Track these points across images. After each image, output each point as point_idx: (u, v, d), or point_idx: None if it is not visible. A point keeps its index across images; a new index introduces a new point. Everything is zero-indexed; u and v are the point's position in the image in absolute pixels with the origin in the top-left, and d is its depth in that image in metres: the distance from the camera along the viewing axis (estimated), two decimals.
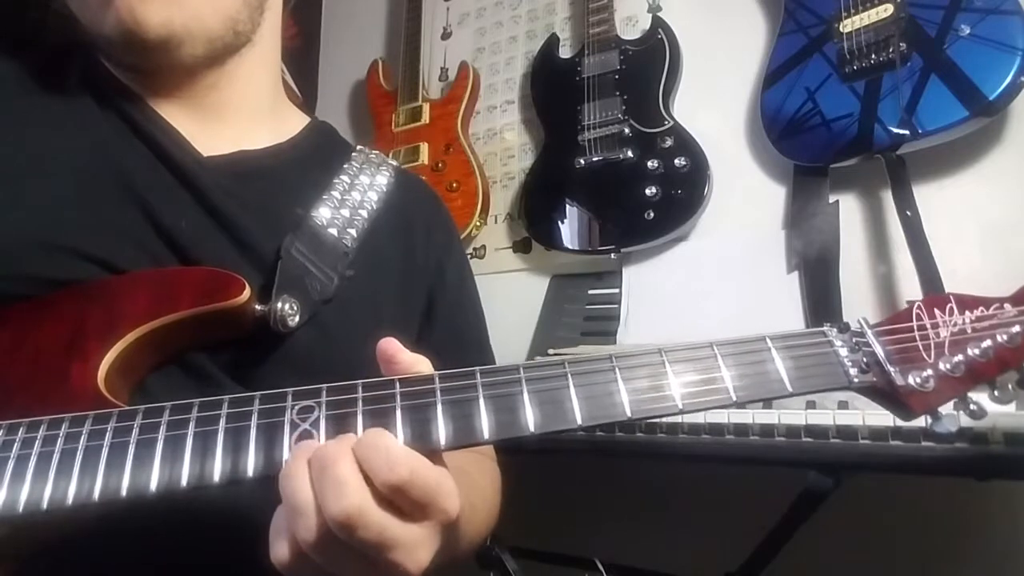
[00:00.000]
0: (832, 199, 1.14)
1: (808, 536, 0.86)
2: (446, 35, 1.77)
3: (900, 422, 0.72)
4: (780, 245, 1.18)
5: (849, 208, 1.16)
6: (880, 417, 0.74)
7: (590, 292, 1.36)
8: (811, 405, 0.80)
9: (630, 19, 1.48)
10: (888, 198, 1.10)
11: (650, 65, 1.34)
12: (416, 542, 0.40)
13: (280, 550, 0.40)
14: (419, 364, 0.47)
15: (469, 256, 1.56)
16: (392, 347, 0.46)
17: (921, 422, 0.70)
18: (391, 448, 0.39)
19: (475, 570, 1.12)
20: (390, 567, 0.40)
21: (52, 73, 0.63)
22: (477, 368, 0.45)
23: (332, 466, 0.39)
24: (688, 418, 0.85)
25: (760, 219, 1.25)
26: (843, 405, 0.78)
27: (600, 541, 1.21)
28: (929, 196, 1.08)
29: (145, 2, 0.56)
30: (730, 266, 1.22)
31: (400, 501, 0.39)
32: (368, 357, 0.47)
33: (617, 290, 1.32)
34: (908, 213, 1.03)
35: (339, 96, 1.92)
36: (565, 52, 1.50)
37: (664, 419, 0.86)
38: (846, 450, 0.75)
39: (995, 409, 0.68)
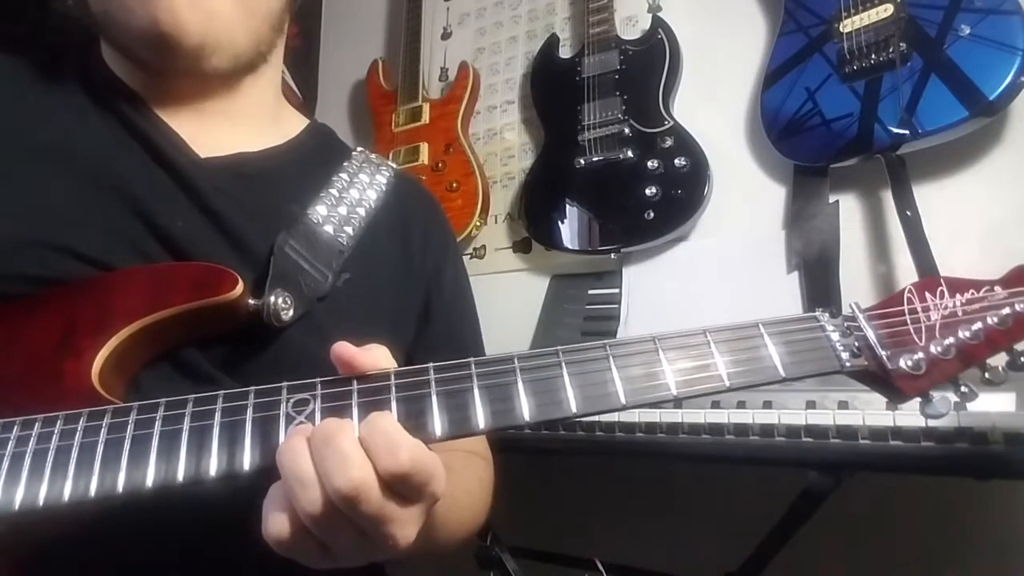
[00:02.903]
0: (832, 199, 1.14)
1: (808, 536, 0.86)
2: (446, 35, 1.77)
3: (900, 422, 0.72)
4: (780, 245, 1.18)
5: (849, 208, 1.16)
6: (880, 417, 0.74)
7: (590, 292, 1.36)
8: (811, 405, 0.80)
9: (630, 19, 1.48)
10: (888, 198, 1.10)
11: (650, 65, 1.34)
12: (408, 518, 0.42)
13: (276, 525, 0.41)
14: (380, 361, 0.46)
15: (469, 256, 1.57)
16: (347, 351, 0.46)
17: (921, 422, 0.71)
18: (392, 433, 0.40)
19: (475, 570, 1.12)
20: (383, 539, 0.41)
21: (50, 73, 0.63)
22: (471, 359, 0.45)
23: (335, 439, 0.40)
24: (688, 418, 0.85)
25: (760, 219, 1.25)
26: (843, 405, 0.78)
27: (600, 541, 1.22)
28: (929, 196, 1.08)
29: (189, 9, 0.56)
30: (730, 266, 1.22)
31: (399, 486, 0.40)
32: None
33: (617, 290, 1.32)
34: (908, 213, 1.03)
35: (339, 96, 1.92)
36: (565, 52, 1.50)
37: (664, 420, 0.86)
38: (846, 450, 0.75)
39: (988, 400, 0.69)
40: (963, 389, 0.47)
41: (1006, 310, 0.47)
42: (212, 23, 0.58)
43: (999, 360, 0.48)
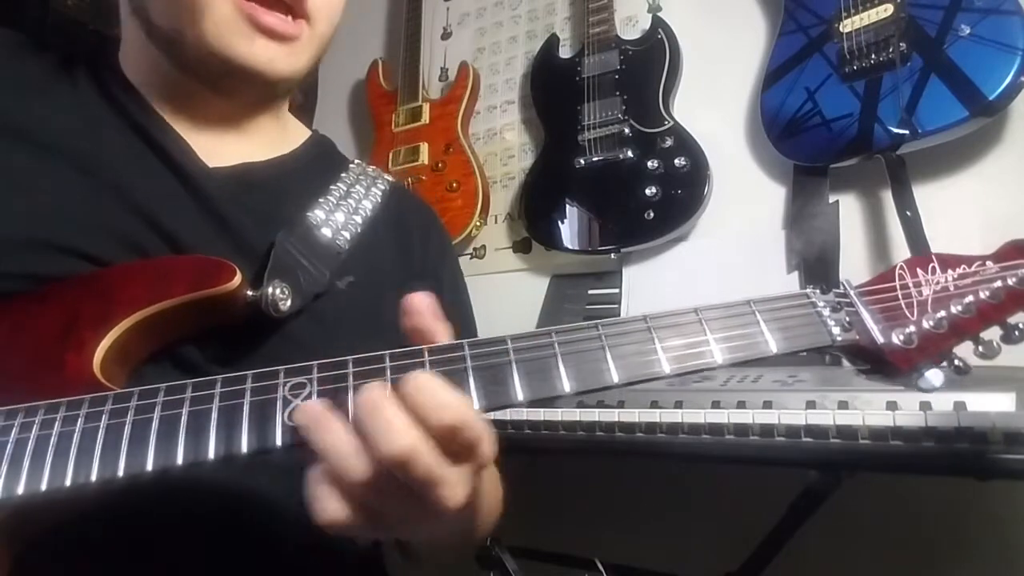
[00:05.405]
0: (832, 199, 1.14)
1: (808, 536, 0.86)
2: (446, 35, 1.77)
3: (900, 422, 0.72)
4: (780, 245, 1.18)
5: (849, 208, 1.16)
6: (880, 417, 0.74)
7: (590, 292, 1.36)
8: (811, 405, 0.80)
9: (630, 19, 1.48)
10: (888, 198, 1.10)
11: (650, 65, 1.34)
12: (459, 479, 0.41)
13: (328, 508, 0.40)
14: (439, 335, 0.46)
15: (469, 256, 1.57)
16: (421, 303, 0.45)
17: (921, 422, 0.71)
18: (437, 391, 0.40)
19: (475, 570, 1.12)
20: (436, 503, 0.41)
21: (59, 76, 0.63)
22: (465, 340, 0.46)
23: (381, 409, 0.39)
24: (688, 418, 0.84)
25: (760, 219, 1.25)
26: (843, 405, 0.78)
27: (600, 541, 1.21)
28: (929, 196, 1.08)
29: (286, 57, 0.61)
30: (730, 266, 1.22)
31: (448, 442, 0.40)
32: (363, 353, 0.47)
33: (617, 290, 1.32)
34: (908, 213, 1.03)
35: (339, 96, 1.92)
36: (565, 52, 1.50)
37: (664, 420, 0.86)
38: (846, 450, 0.75)
39: (989, 400, 0.69)
40: (956, 362, 0.47)
41: (998, 284, 0.47)
42: (297, 68, 0.63)
43: (993, 334, 0.47)
